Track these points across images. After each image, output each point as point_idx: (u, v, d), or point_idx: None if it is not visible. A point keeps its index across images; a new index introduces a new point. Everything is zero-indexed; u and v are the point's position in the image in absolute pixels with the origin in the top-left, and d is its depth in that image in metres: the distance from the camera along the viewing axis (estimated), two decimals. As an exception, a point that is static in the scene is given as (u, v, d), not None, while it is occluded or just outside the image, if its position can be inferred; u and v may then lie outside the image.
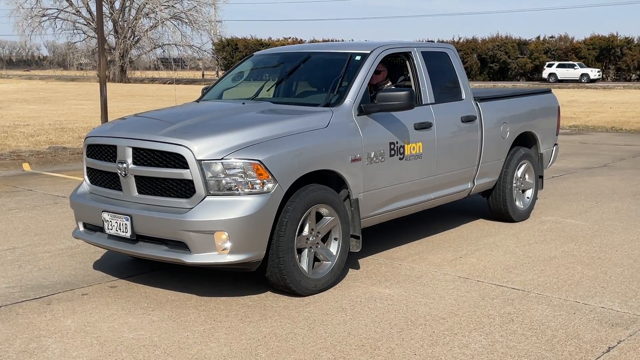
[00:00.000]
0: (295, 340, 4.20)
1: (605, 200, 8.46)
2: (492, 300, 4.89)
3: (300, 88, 6.32)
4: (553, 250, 6.20)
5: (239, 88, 6.55)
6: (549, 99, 8.07)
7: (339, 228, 5.16)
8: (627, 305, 4.78)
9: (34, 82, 51.99)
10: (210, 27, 61.44)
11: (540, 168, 7.76)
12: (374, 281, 5.32)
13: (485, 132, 6.75)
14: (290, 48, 7.09)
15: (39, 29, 58.15)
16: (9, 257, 6.05)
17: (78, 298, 4.98)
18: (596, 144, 14.61)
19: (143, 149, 4.83)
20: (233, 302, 4.85)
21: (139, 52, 60.61)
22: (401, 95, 5.40)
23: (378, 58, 5.87)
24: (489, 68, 54.35)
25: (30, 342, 4.19)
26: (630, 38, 51.36)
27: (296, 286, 4.86)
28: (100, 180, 5.23)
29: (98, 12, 13.05)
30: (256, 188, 4.62)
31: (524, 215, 7.42)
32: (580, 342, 4.15)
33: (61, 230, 6.99)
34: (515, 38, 55.27)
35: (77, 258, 5.99)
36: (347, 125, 5.32)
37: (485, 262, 5.84)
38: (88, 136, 5.40)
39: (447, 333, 4.29)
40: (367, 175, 5.39)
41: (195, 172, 4.60)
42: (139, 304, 4.85)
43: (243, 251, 4.62)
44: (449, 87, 6.60)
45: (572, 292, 5.06)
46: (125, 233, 4.87)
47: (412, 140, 5.82)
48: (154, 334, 4.29)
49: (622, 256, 5.99)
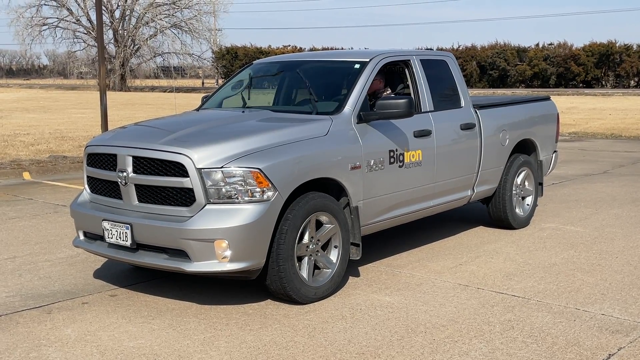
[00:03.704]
0: (296, 348, 4.19)
1: (605, 207, 8.46)
2: (492, 307, 4.89)
3: (299, 96, 6.34)
4: (553, 257, 6.21)
5: (238, 96, 6.56)
6: (548, 106, 8.09)
7: (339, 236, 5.16)
8: (628, 312, 4.78)
9: (34, 91, 52.05)
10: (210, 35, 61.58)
11: (540, 175, 7.77)
12: (374, 289, 5.32)
13: (485, 139, 6.77)
14: (290, 57, 7.12)
15: (39, 38, 58.18)
16: (10, 266, 6.05)
17: (78, 307, 4.98)
18: (596, 151, 14.62)
19: (143, 158, 4.84)
20: (233, 311, 4.85)
21: (139, 60, 60.67)
22: (400, 103, 5.42)
23: (377, 66, 5.89)
24: (488, 75, 54.36)
25: (30, 351, 4.19)
26: (629, 45, 51.38)
27: (296, 294, 4.86)
28: (101, 189, 5.24)
29: (98, 21, 13.09)
30: (256, 196, 4.63)
31: (523, 222, 7.43)
32: (580, 349, 4.15)
33: (61, 239, 6.99)
34: (514, 45, 55.27)
35: (78, 267, 5.99)
36: (347, 133, 5.33)
37: (486, 269, 5.84)
38: (88, 145, 5.41)
39: (447, 340, 4.29)
40: (366, 183, 5.40)
41: (195, 181, 4.61)
42: (140, 312, 4.85)
43: (243, 259, 4.62)
44: (448, 95, 6.62)
45: (572, 299, 5.06)
46: (126, 242, 4.87)
47: (412, 148, 5.83)
48: (155, 343, 4.29)
49: (622, 263, 5.99)
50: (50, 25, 58.34)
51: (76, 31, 58.79)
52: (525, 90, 46.17)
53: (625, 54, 50.89)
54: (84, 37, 59.10)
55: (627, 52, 50.95)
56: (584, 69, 51.18)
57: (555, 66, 52.14)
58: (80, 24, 58.32)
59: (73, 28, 58.64)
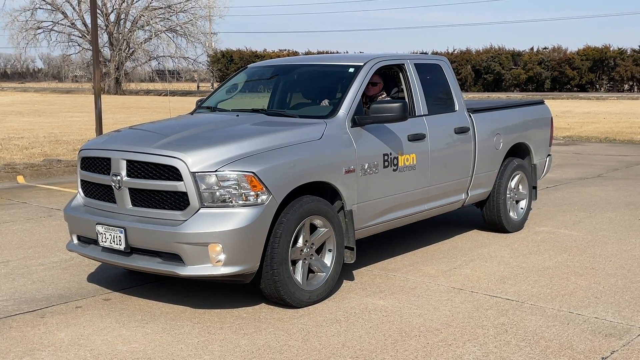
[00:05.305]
0: (290, 352, 4.19)
1: (599, 210, 8.49)
2: (486, 311, 4.90)
3: (294, 100, 6.35)
4: (547, 260, 6.22)
5: (233, 100, 6.57)
6: (542, 110, 8.11)
7: (333, 239, 5.16)
8: (621, 315, 4.79)
9: (28, 95, 51.95)
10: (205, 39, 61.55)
11: (534, 179, 7.78)
12: (369, 292, 5.32)
13: (479, 143, 6.78)
14: (284, 60, 7.12)
15: (34, 41, 58.03)
16: (3, 270, 6.03)
17: (72, 311, 4.96)
18: (590, 155, 14.67)
19: (137, 162, 4.84)
20: (227, 314, 4.84)
21: (134, 64, 60.60)
22: (394, 107, 5.43)
23: (371, 70, 5.90)
24: (483, 79, 54.51)
25: (24, 355, 4.18)
26: (624, 49, 51.59)
27: (290, 298, 4.86)
28: (95, 192, 5.23)
29: (93, 24, 13.07)
30: (250, 200, 4.63)
31: (517, 225, 7.44)
32: (574, 353, 4.15)
33: (55, 242, 6.98)
34: (509, 49, 55.45)
35: (71, 271, 5.98)
36: (341, 136, 5.34)
37: (479, 272, 5.85)
38: (82, 149, 5.40)
39: (441, 344, 4.29)
40: (361, 187, 5.41)
41: (189, 185, 4.61)
42: (133, 316, 4.84)
43: (237, 263, 4.62)
44: (442, 99, 6.63)
45: (565, 302, 5.07)
46: (119, 245, 4.87)
47: (406, 151, 5.84)
48: (148, 347, 4.28)
49: (616, 266, 6.01)
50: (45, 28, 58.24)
51: (71, 35, 58.72)
52: (520, 94, 46.29)
53: (619, 58, 51.09)
54: (78, 41, 59.03)
55: (621, 56, 51.15)
56: (578, 73, 51.37)
57: (549, 70, 52.32)
58: (75, 28, 58.25)
59: (68, 31, 58.56)
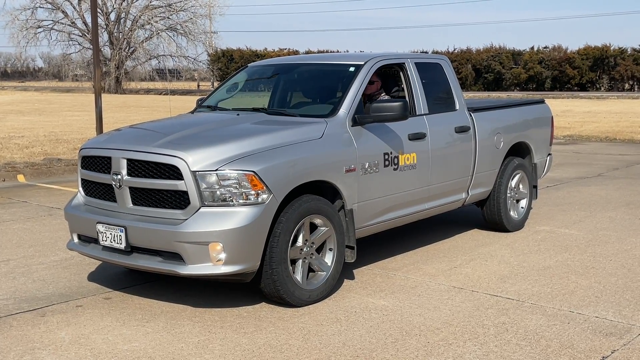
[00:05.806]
0: (290, 351, 4.19)
1: (599, 209, 8.49)
2: (486, 310, 4.89)
3: (294, 99, 6.35)
4: (547, 260, 6.22)
5: (233, 99, 6.56)
6: (543, 109, 8.11)
7: (333, 238, 5.16)
8: (621, 314, 4.79)
9: (29, 94, 51.93)
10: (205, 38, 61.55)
11: (535, 178, 7.78)
12: (369, 292, 5.32)
13: (479, 142, 6.78)
14: (285, 59, 7.12)
15: (34, 40, 58.07)
16: (3, 269, 6.03)
17: (72, 310, 4.97)
18: (590, 154, 14.67)
19: (137, 161, 4.84)
20: (228, 313, 4.84)
21: (134, 63, 60.62)
22: (395, 106, 5.43)
23: (372, 69, 5.90)
24: (483, 78, 54.50)
25: (24, 354, 4.18)
26: (624, 48, 51.57)
27: (290, 297, 4.86)
28: (95, 191, 5.23)
29: (93, 23, 13.06)
30: (251, 199, 4.63)
31: (518, 225, 7.44)
32: (574, 352, 4.15)
33: (55, 241, 6.98)
34: (509, 48, 55.44)
35: (72, 270, 5.98)
36: (342, 136, 5.34)
37: (480, 272, 5.85)
38: (83, 148, 5.40)
39: (441, 343, 4.29)
40: (361, 186, 5.40)
41: (190, 184, 4.61)
42: (134, 315, 4.84)
43: (238, 262, 4.62)
44: (442, 98, 6.63)
45: (566, 301, 5.07)
46: (120, 244, 4.87)
47: (406, 150, 5.84)
48: (149, 346, 4.28)
49: (616, 266, 6.01)
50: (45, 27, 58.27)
51: (71, 34, 58.74)
52: (520, 94, 46.28)
53: (619, 57, 51.07)
54: (79, 40, 59.06)
55: (621, 55, 51.14)
56: (578, 73, 51.37)
57: (550, 69, 52.31)
58: (75, 27, 58.24)
59: (68, 30, 58.57)
